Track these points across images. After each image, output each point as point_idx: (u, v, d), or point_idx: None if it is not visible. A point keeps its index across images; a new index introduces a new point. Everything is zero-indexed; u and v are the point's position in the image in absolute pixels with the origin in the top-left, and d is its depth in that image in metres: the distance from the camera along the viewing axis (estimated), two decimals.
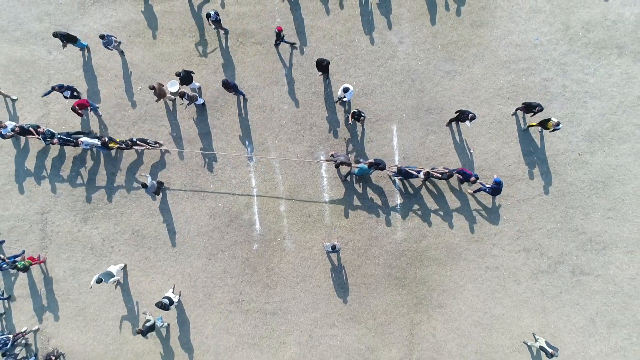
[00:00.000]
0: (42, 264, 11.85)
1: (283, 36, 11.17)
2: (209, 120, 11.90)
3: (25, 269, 10.92)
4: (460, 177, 10.99)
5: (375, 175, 11.73)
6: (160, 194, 11.66)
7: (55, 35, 10.81)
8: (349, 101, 11.62)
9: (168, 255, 11.87)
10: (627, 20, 11.75)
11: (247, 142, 11.89)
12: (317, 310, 11.82)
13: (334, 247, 10.79)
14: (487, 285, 11.78)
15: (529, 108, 10.69)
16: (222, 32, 11.91)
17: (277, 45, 11.68)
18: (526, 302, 11.75)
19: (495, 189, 10.92)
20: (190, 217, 11.88)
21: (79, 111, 11.14)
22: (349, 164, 10.81)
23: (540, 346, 10.84)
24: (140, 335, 10.72)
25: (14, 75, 12.00)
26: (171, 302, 10.74)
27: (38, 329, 11.89)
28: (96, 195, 11.96)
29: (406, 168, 10.93)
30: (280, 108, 11.92)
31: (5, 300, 11.85)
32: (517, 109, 11.56)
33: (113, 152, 11.89)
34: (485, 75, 11.84)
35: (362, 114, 11.04)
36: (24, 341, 11.62)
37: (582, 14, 11.81)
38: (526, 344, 11.69)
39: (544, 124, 10.84)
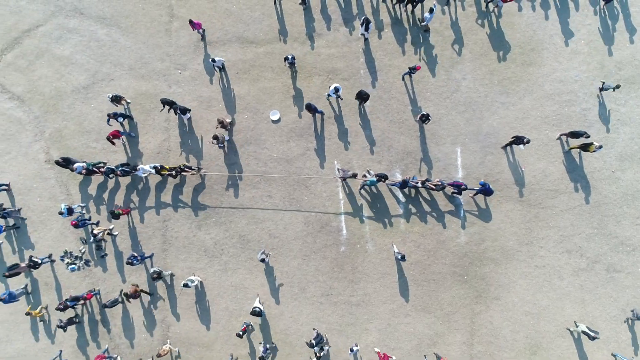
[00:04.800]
0: (128, 213, 14.15)
1: (414, 72, 13.49)
2: (304, 144, 14.24)
3: (118, 216, 13.23)
4: (454, 189, 13.31)
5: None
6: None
7: (162, 101, 13.28)
8: (339, 98, 13.98)
9: (269, 256, 14.17)
10: None
11: (335, 162, 14.23)
12: (394, 302, 14.12)
13: (402, 257, 13.09)
14: (535, 281, 14.08)
15: (576, 135, 13.05)
16: (295, 70, 14.24)
17: (404, 75, 14.01)
18: (568, 295, 14.05)
19: (486, 190, 13.14)
20: (288, 224, 14.20)
21: (113, 140, 13.40)
22: (356, 176, 13.24)
23: (582, 331, 13.16)
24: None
25: (140, 106, 14.33)
26: (261, 310, 13.02)
27: None
28: (209, 207, 14.26)
29: (409, 181, 13.37)
30: (362, 133, 14.26)
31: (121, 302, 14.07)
32: (561, 134, 13.93)
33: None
34: (534, 106, 14.20)
35: (430, 117, 13.40)
36: None
37: (615, 55, 14.19)
38: (568, 329, 13.98)
39: (585, 147, 13.19)
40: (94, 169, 13.46)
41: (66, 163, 13.21)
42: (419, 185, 13.57)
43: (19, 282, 14.06)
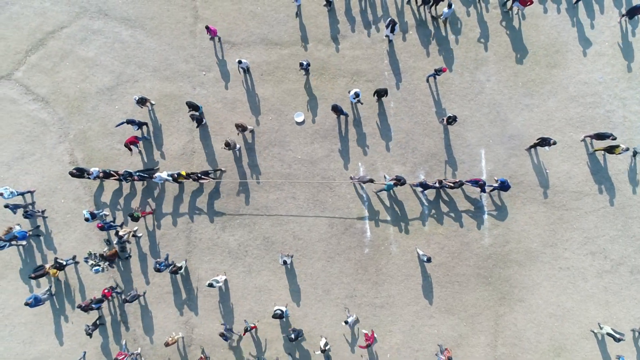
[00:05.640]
0: (152, 215, 14.18)
1: (440, 74, 13.39)
2: (328, 145, 14.25)
3: (137, 218, 13.22)
4: (476, 186, 13.27)
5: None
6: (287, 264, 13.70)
7: (187, 103, 13.24)
8: (359, 103, 13.90)
9: (293, 258, 14.16)
10: None
11: (359, 163, 14.24)
12: (418, 304, 14.12)
13: (429, 259, 13.08)
14: (559, 283, 14.07)
15: (602, 137, 13.05)
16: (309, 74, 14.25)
17: (428, 77, 13.96)
18: (592, 297, 14.04)
19: (504, 186, 13.11)
20: (312, 226, 14.19)
21: (130, 146, 13.36)
22: (372, 181, 13.23)
23: (607, 333, 13.14)
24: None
25: (164, 107, 14.34)
26: (282, 312, 13.01)
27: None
28: (233, 208, 14.26)
29: (426, 182, 13.50)
30: (387, 135, 14.27)
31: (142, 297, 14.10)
32: (585, 136, 13.93)
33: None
34: (558, 108, 14.20)
35: (456, 119, 13.32)
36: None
37: (639, 57, 14.19)
38: (592, 331, 13.97)
39: (610, 149, 13.18)
40: (111, 172, 13.47)
41: (80, 172, 13.18)
42: (437, 185, 13.58)
43: (42, 284, 14.08)
